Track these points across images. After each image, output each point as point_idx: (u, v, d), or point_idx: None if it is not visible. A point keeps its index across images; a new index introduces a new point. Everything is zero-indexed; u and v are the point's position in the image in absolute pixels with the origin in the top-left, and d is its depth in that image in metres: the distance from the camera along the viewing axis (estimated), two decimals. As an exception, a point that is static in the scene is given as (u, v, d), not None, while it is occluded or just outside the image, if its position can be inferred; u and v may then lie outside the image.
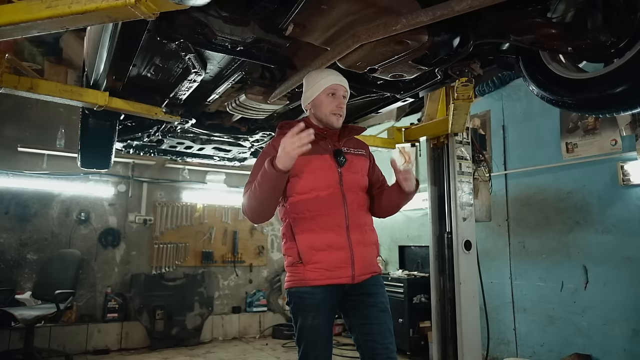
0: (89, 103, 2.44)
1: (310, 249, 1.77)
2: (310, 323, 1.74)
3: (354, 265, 1.77)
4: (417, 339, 4.50)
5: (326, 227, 1.78)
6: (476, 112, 4.61)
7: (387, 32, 1.67)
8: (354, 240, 1.79)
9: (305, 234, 1.79)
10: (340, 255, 1.76)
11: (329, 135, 1.90)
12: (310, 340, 1.75)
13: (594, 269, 3.49)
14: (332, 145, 1.89)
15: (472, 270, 3.27)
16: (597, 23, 1.61)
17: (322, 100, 1.87)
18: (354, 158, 1.91)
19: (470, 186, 3.35)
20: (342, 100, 1.88)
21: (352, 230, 1.80)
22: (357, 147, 1.97)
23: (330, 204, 1.79)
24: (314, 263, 1.76)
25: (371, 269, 1.85)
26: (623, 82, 1.60)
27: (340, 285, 1.78)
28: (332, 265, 1.76)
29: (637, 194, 3.27)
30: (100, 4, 1.42)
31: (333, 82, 1.86)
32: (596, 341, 3.42)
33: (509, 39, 1.82)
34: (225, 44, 1.93)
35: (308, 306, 1.75)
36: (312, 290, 1.75)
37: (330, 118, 1.86)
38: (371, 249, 1.87)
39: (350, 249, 1.78)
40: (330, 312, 1.80)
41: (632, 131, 3.33)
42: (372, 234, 1.90)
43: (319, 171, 1.81)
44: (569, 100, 1.77)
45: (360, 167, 1.92)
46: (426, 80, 2.30)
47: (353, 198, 1.84)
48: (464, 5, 1.52)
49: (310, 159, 1.80)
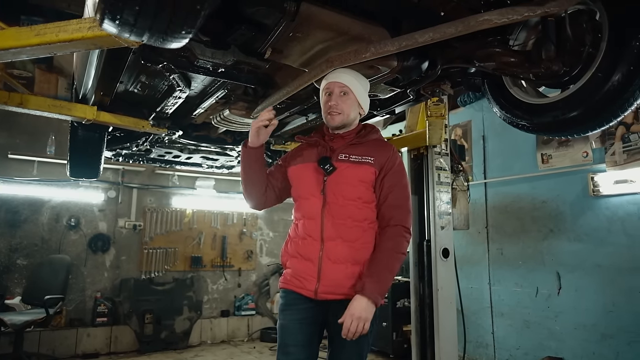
0: (77, 117, 2.54)
1: (287, 254, 1.83)
2: (281, 322, 1.78)
3: (320, 281, 1.66)
4: (400, 342, 4.63)
5: (301, 235, 1.76)
6: (458, 122, 4.76)
7: (358, 59, 1.78)
8: (325, 254, 1.67)
9: (290, 239, 1.84)
10: (307, 266, 1.70)
11: (336, 139, 1.83)
12: (280, 338, 1.76)
13: (567, 275, 3.64)
14: (329, 151, 1.79)
15: (449, 277, 3.39)
16: (550, 53, 1.73)
17: (322, 102, 1.86)
18: (350, 166, 1.73)
19: (449, 196, 3.47)
20: (337, 98, 1.79)
21: (327, 243, 1.67)
22: (364, 154, 1.75)
23: (309, 213, 1.75)
24: (287, 267, 1.81)
25: (342, 291, 1.64)
26: (575, 109, 1.74)
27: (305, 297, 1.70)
28: (297, 274, 1.73)
29: (606, 204, 3.42)
30: (86, 33, 1.51)
31: (328, 81, 1.83)
32: (568, 345, 3.56)
33: (473, 64, 1.95)
34: (207, 66, 2.03)
35: (282, 305, 1.80)
36: (286, 293, 1.79)
37: (325, 117, 1.84)
38: (346, 268, 1.66)
39: (319, 262, 1.67)
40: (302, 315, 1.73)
41: (602, 144, 3.49)
42: (354, 252, 1.67)
43: (303, 179, 1.81)
44: (526, 123, 1.90)
45: (354, 176, 1.72)
46: (400, 99, 2.42)
47: (337, 209, 1.70)
48: (426, 38, 1.64)
49: (299, 168, 1.85)
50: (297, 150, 1.95)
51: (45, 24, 1.51)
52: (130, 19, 1.07)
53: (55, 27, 1.49)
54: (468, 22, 1.57)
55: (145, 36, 1.14)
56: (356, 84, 1.83)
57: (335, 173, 1.73)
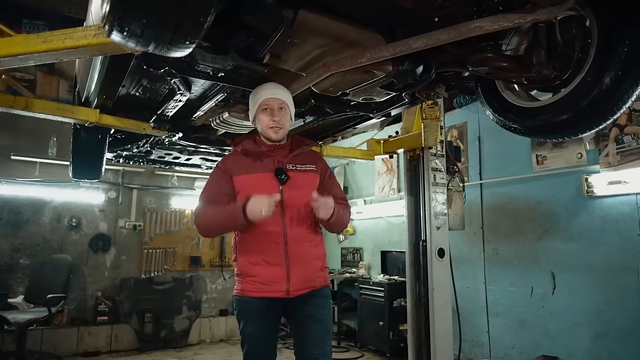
0: (80, 120, 2.58)
1: (248, 263, 1.89)
2: (250, 330, 1.89)
3: (290, 280, 1.84)
4: (397, 341, 4.67)
5: (263, 243, 1.87)
6: (454, 123, 4.81)
7: (354, 64, 1.83)
8: (292, 256, 1.85)
9: (245, 249, 1.91)
10: (275, 271, 1.84)
11: (276, 151, 1.98)
12: (251, 344, 1.89)
13: (561, 275, 3.69)
14: (277, 162, 1.95)
15: (445, 277, 3.44)
16: (541, 58, 1.79)
17: (259, 117, 1.97)
18: (299, 174, 1.95)
19: (444, 196, 3.53)
20: (276, 113, 1.94)
21: (291, 246, 1.86)
22: (306, 163, 2.01)
23: (269, 221, 1.81)
24: (251, 276, 1.88)
25: (309, 284, 1.90)
26: (565, 112, 1.79)
27: (276, 298, 1.86)
28: (267, 280, 1.85)
29: (599, 205, 3.48)
30: (91, 40, 1.56)
31: (265, 97, 1.96)
32: (562, 344, 3.61)
33: (467, 68, 2.00)
34: (207, 71, 2.07)
35: (248, 314, 1.90)
36: (251, 301, 1.88)
37: (267, 132, 1.95)
38: (310, 264, 1.92)
39: (286, 264, 1.84)
40: (269, 320, 1.91)
41: (596, 145, 3.54)
42: (313, 250, 1.94)
43: (259, 189, 1.84)
44: (518, 126, 1.96)
45: (306, 183, 1.95)
46: (396, 102, 2.47)
47: (293, 215, 1.89)
48: (419, 44, 1.70)
49: (253, 178, 1.93)
50: (235, 160, 2.01)
51: (52, 32, 1.56)
52: (137, 31, 1.12)
53: (62, 34, 1.54)
54: (460, 29, 1.62)
55: (151, 46, 1.19)
56: (290, 98, 2.01)
57: (289, 182, 1.91)
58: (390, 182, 5.71)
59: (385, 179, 5.81)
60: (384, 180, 5.84)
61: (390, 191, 5.68)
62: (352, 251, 6.27)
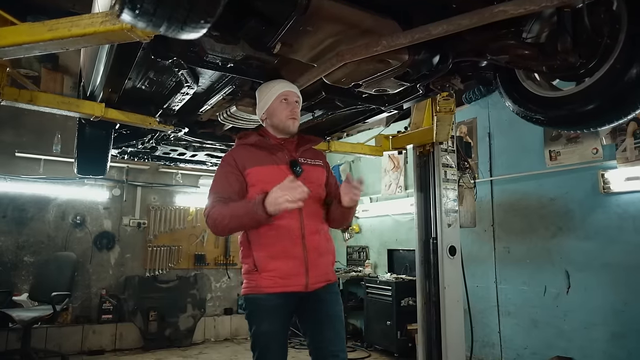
0: (85, 114, 2.52)
1: (266, 257, 1.81)
2: (265, 329, 1.80)
3: (308, 273, 1.81)
4: (405, 341, 4.60)
5: (281, 236, 1.81)
6: (463, 119, 4.72)
7: (369, 52, 1.76)
8: (309, 250, 1.83)
9: (261, 243, 1.82)
10: (295, 264, 1.80)
11: (286, 145, 1.96)
12: (265, 346, 1.80)
13: (576, 274, 3.60)
14: (289, 155, 1.93)
15: (456, 275, 3.37)
16: (567, 45, 1.70)
17: (276, 107, 1.95)
18: (311, 168, 1.95)
19: (455, 193, 3.45)
20: (295, 106, 1.96)
21: (308, 239, 1.84)
22: (314, 158, 2.02)
23: (286, 214, 1.74)
24: (268, 271, 1.80)
25: (326, 277, 1.90)
26: (590, 102, 1.71)
27: (294, 292, 1.81)
28: (286, 274, 1.80)
29: (616, 202, 3.39)
30: (98, 27, 1.50)
31: (284, 89, 1.96)
32: (577, 344, 3.53)
33: (486, 57, 1.93)
34: (216, 61, 2.01)
35: (263, 313, 1.81)
36: (267, 297, 1.79)
37: (286, 122, 1.93)
38: (326, 257, 1.92)
39: (305, 257, 1.82)
40: (285, 318, 1.85)
41: (613, 140, 3.45)
42: (328, 243, 1.94)
43: (275, 181, 1.74)
44: (540, 117, 1.87)
45: (317, 178, 1.96)
46: (409, 94, 2.40)
47: (309, 208, 1.83)
48: (439, 30, 1.62)
49: (267, 169, 1.86)
50: (245, 153, 1.93)
51: (58, 20, 1.50)
52: (150, 8, 1.04)
53: (68, 22, 1.48)
54: (482, 13, 1.54)
55: (163, 27, 1.12)
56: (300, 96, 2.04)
57: (302, 175, 1.89)
58: (397, 179, 5.64)
59: (392, 176, 5.73)
60: (390, 177, 5.76)
61: (397, 189, 5.60)
62: (358, 250, 6.20)
